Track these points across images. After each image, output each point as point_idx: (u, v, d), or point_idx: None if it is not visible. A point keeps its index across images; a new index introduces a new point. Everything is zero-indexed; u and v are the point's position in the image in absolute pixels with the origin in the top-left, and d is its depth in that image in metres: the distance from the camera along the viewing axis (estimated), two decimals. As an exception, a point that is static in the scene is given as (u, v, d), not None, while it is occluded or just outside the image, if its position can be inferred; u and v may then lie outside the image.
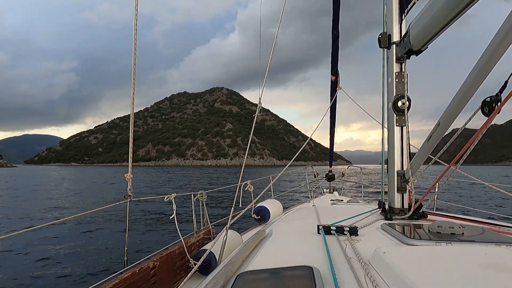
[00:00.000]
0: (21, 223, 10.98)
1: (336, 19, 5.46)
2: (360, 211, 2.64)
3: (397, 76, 2.42)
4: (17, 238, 8.02)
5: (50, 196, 19.96)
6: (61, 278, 5.59)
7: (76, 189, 25.85)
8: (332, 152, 6.80)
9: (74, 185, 31.42)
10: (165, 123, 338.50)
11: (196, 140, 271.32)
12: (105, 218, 11.13)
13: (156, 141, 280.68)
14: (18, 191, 24.44)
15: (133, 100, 2.27)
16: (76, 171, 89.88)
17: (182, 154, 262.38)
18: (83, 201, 17.33)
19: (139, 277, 1.98)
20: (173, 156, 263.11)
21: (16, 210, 13.94)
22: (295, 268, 1.28)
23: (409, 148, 2.43)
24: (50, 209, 14.41)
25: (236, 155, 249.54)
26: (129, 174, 2.24)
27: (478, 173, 45.43)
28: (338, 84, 5.65)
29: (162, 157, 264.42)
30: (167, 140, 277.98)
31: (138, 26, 2.17)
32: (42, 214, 12.99)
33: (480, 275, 0.99)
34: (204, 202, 3.17)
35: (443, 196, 15.77)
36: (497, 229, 1.93)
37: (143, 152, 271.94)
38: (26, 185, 30.23)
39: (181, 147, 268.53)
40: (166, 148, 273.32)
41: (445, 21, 1.73)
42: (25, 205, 15.81)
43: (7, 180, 41.01)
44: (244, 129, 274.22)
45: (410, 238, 1.56)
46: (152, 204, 13.77)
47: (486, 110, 1.56)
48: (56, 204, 16.00)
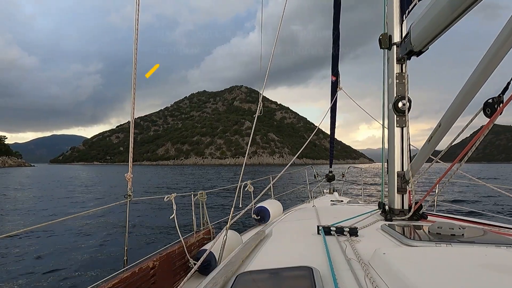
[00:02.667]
0: (21, 220, 10.99)
1: (336, 19, 5.46)
2: (360, 212, 2.64)
3: (397, 77, 2.42)
4: (16, 238, 8.03)
5: (51, 194, 19.99)
6: (60, 277, 5.59)
7: (76, 189, 25.86)
8: (333, 152, 6.80)
9: (79, 184, 31.43)
10: (185, 122, 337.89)
11: (214, 139, 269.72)
12: (105, 218, 11.13)
13: (175, 140, 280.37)
14: (33, 189, 24.50)
15: (133, 100, 2.27)
16: (92, 169, 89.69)
17: (200, 153, 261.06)
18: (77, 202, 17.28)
19: (139, 276, 1.98)
20: (192, 155, 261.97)
21: (26, 207, 13.97)
22: (295, 268, 1.28)
23: (409, 149, 2.43)
24: (44, 207, 14.43)
25: (255, 153, 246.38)
26: (129, 174, 2.24)
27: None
28: (339, 84, 5.65)
29: (181, 156, 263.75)
30: (185, 139, 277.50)
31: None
32: (39, 212, 13.01)
33: (480, 276, 0.98)
34: (204, 202, 3.17)
35: (443, 197, 15.77)
36: (498, 230, 1.93)
37: (162, 151, 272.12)
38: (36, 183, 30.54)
39: (199, 146, 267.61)
40: (185, 147, 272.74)
41: (446, 22, 1.73)
42: (31, 202, 15.84)
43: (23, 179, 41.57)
44: (263, 127, 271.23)
45: (410, 239, 1.55)
46: (152, 204, 13.77)
47: (488, 111, 1.55)
48: (52, 205, 16.01)
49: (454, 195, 18.58)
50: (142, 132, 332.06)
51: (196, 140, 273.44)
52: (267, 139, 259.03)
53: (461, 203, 14.02)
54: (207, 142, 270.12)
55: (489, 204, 15.27)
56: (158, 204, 13.57)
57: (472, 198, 17.37)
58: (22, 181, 37.25)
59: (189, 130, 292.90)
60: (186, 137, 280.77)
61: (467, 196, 18.40)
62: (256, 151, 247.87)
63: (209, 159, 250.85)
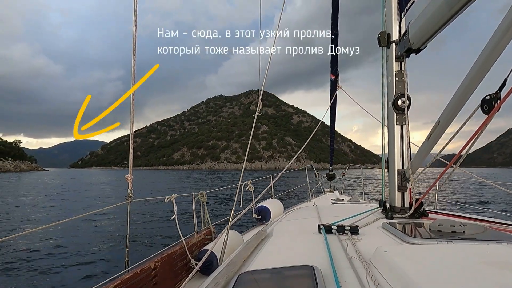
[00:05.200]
0: (21, 223, 10.99)
1: (335, 19, 5.47)
2: (361, 210, 2.65)
3: (397, 74, 2.42)
4: (18, 240, 8.03)
5: (56, 198, 19.99)
6: (62, 279, 5.60)
7: (70, 195, 25.83)
8: (333, 151, 6.80)
9: (79, 189, 31.38)
10: (201, 126, 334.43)
11: (230, 143, 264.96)
12: (106, 219, 11.14)
13: (190, 144, 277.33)
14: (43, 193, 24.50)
15: (132, 102, 2.28)
16: (106, 174, 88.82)
17: (216, 157, 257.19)
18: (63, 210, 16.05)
19: (140, 277, 1.98)
20: (207, 159, 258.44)
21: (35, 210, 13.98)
22: (297, 267, 1.28)
23: (409, 147, 2.43)
24: (43, 211, 14.43)
25: (271, 158, 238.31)
26: (130, 175, 2.24)
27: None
28: (338, 83, 5.66)
29: (196, 161, 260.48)
30: (201, 143, 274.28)
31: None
32: (38, 216, 13.01)
33: (481, 273, 0.98)
34: (205, 203, 3.17)
35: (444, 194, 15.77)
36: (498, 227, 1.93)
37: (177, 156, 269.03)
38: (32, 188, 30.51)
39: (215, 150, 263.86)
40: (201, 151, 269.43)
41: (444, 19, 1.73)
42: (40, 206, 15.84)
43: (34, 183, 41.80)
44: (280, 130, 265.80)
45: (411, 237, 1.55)
46: (153, 205, 13.77)
47: (486, 108, 1.55)
48: (48, 209, 16.01)
49: (454, 192, 18.59)
50: (159, 137, 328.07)
51: (212, 145, 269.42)
52: (284, 143, 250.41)
53: (461, 201, 14.02)
54: (222, 146, 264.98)
55: (489, 201, 15.28)
56: (159, 205, 13.58)
57: (473, 195, 17.38)
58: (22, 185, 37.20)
59: (205, 134, 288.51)
60: (202, 141, 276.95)
61: (468, 193, 18.40)
62: (273, 155, 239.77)
63: (224, 164, 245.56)
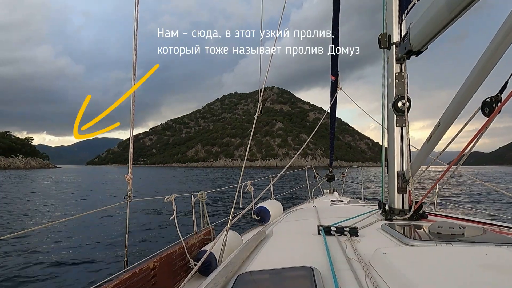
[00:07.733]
0: (18, 221, 10.98)
1: (335, 20, 5.47)
2: (360, 212, 2.65)
3: (397, 76, 2.42)
4: (17, 239, 8.02)
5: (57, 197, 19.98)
6: (61, 278, 5.59)
7: (69, 192, 25.85)
8: (333, 152, 6.80)
9: (79, 187, 31.38)
10: (216, 124, 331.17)
11: (244, 140, 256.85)
12: (106, 219, 11.12)
13: (205, 142, 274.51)
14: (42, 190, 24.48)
15: (133, 101, 2.27)
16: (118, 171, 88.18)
17: (230, 154, 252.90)
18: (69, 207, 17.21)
19: (139, 278, 1.98)
20: (221, 156, 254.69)
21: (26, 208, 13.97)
22: (296, 268, 1.28)
23: (409, 149, 2.43)
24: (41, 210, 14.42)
25: (286, 155, 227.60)
26: (129, 175, 2.24)
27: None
28: (338, 84, 5.65)
29: (210, 158, 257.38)
30: (215, 141, 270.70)
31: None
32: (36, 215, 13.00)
33: (480, 276, 0.98)
34: (204, 203, 3.17)
35: (443, 196, 15.77)
36: (498, 229, 1.93)
37: (191, 153, 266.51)
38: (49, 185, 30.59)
39: (229, 148, 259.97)
40: (215, 148, 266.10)
41: (445, 22, 1.74)
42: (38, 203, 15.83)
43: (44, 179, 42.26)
44: (295, 127, 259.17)
45: (410, 239, 1.55)
46: (152, 204, 13.76)
47: (487, 110, 1.56)
48: (48, 208, 16.01)
49: (454, 194, 18.59)
50: (174, 134, 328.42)
51: (226, 142, 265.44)
52: (299, 140, 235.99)
53: (461, 203, 14.02)
54: (237, 143, 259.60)
55: (489, 203, 15.28)
56: (158, 205, 13.57)
57: (472, 198, 17.38)
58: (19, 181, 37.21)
59: (219, 131, 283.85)
60: (216, 138, 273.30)
61: (467, 195, 18.40)
62: (288, 152, 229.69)
63: (238, 161, 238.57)
